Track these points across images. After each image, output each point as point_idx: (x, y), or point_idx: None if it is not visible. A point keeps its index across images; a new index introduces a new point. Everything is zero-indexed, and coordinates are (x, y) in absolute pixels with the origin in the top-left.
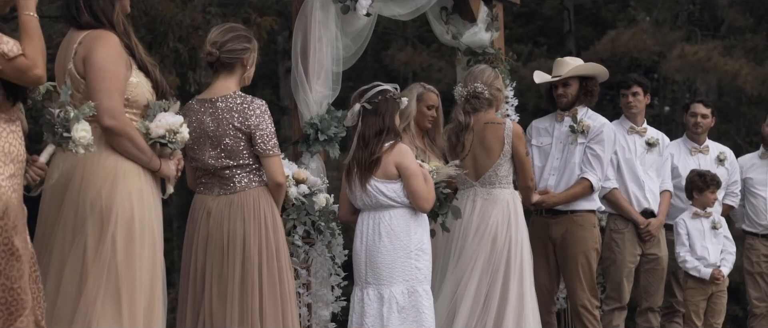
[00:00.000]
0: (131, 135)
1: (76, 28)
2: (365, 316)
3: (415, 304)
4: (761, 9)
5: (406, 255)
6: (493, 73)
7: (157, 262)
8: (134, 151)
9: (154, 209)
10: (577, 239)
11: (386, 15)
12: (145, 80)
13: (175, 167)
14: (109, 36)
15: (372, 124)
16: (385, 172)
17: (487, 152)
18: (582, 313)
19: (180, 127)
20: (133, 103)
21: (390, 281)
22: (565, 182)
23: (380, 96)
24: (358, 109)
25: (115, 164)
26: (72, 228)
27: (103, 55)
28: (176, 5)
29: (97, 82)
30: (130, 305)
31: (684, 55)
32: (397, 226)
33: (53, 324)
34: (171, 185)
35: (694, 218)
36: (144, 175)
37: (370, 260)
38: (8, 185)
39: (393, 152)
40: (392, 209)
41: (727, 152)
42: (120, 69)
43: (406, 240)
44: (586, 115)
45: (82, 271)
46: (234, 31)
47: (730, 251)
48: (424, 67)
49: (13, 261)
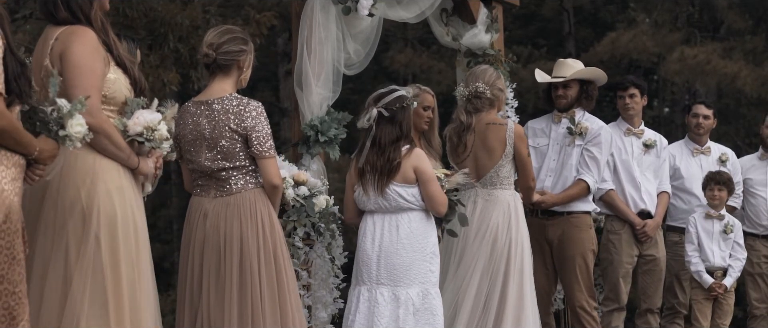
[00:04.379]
0: (109, 132)
1: (54, 24)
2: (379, 316)
3: (428, 306)
4: (760, 11)
5: (423, 258)
6: (495, 74)
7: (141, 258)
8: (112, 148)
9: (136, 206)
10: (573, 241)
11: (392, 18)
12: (123, 77)
13: (154, 165)
14: (85, 31)
15: (389, 132)
16: (405, 176)
17: (488, 153)
18: (580, 314)
19: (158, 124)
20: (111, 99)
21: (407, 283)
22: (561, 184)
23: (398, 103)
24: (375, 114)
25: (93, 161)
26: (53, 229)
27: (80, 52)
28: (176, 6)
29: (74, 78)
30: (116, 304)
31: (683, 57)
32: (417, 228)
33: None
34: (149, 184)
35: (707, 219)
36: (123, 172)
37: (385, 260)
38: (10, 189)
39: (411, 157)
40: (411, 211)
41: (729, 153)
42: (97, 65)
43: (424, 243)
44: (583, 117)
45: (65, 272)
46: (230, 33)
47: (739, 258)
48: (424, 69)
49: (14, 265)
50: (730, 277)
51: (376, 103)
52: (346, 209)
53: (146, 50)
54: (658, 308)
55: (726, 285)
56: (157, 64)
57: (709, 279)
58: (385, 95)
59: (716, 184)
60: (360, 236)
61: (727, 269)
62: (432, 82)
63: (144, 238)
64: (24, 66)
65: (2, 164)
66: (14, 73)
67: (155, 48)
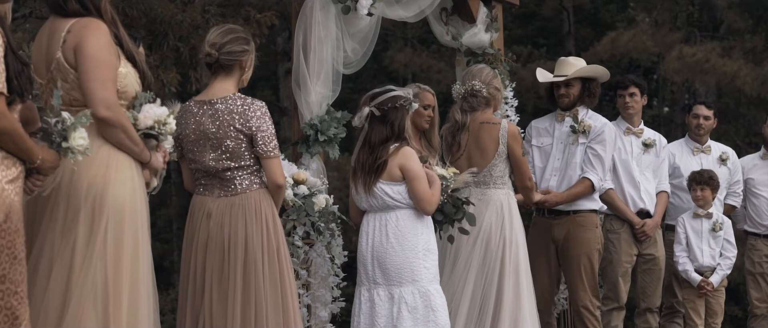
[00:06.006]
0: (126, 126)
1: (62, 16)
2: (377, 316)
3: (428, 304)
4: (760, 10)
5: (415, 255)
6: (492, 73)
7: (139, 253)
8: (127, 142)
9: (143, 202)
10: (579, 240)
11: (391, 17)
12: (132, 71)
13: (162, 159)
14: (99, 25)
15: (379, 131)
16: (390, 174)
17: (481, 152)
18: (583, 313)
19: (167, 118)
20: (123, 94)
21: (399, 282)
22: (566, 183)
23: (390, 104)
24: (367, 113)
25: (107, 154)
26: (62, 223)
27: (96, 44)
28: (176, 6)
29: (91, 71)
30: (115, 300)
31: (683, 56)
32: (404, 227)
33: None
34: (157, 179)
35: (695, 219)
36: (135, 166)
37: (378, 261)
38: (10, 189)
39: (398, 155)
40: (398, 210)
41: (730, 152)
42: (112, 59)
43: (413, 241)
44: (586, 115)
45: (71, 265)
46: (233, 33)
47: (729, 255)
48: (423, 68)
49: (16, 265)
50: (717, 274)
51: (370, 101)
52: (350, 209)
53: (146, 50)
54: (657, 307)
55: (713, 283)
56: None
57: (696, 277)
58: (379, 95)
59: (698, 184)
60: (359, 237)
61: (715, 268)
62: (431, 82)
63: (144, 235)
64: (26, 65)
65: (3, 164)
66: (15, 72)
67: (155, 48)
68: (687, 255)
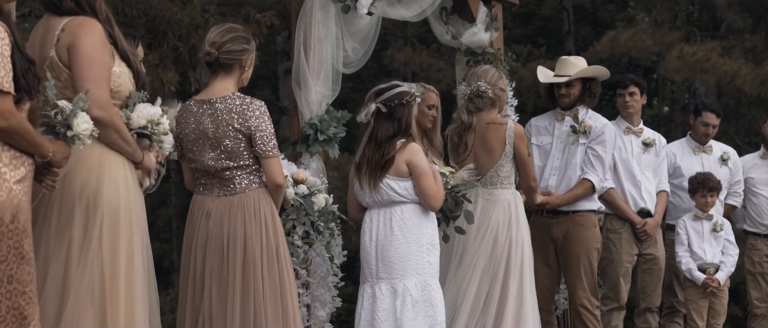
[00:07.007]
0: (119, 126)
1: (56, 15)
2: (377, 310)
3: (427, 298)
4: (760, 9)
5: (419, 249)
6: (497, 74)
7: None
8: (120, 142)
9: (138, 200)
10: (579, 239)
11: (392, 17)
12: (126, 70)
13: (155, 159)
14: (93, 23)
15: (386, 128)
16: (397, 170)
17: (488, 153)
18: (582, 313)
19: (160, 118)
20: (116, 93)
21: (403, 274)
22: (566, 182)
23: (396, 100)
24: (373, 109)
25: (100, 153)
26: (57, 224)
27: (90, 43)
28: (175, 5)
29: (85, 70)
30: (112, 300)
31: (683, 55)
32: (409, 220)
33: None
34: (151, 179)
35: (695, 220)
36: (128, 166)
37: (381, 254)
38: (18, 189)
39: (405, 151)
40: (403, 204)
41: (731, 152)
42: (106, 58)
43: (418, 234)
44: (586, 115)
45: (67, 266)
46: (233, 32)
47: (731, 254)
48: (423, 67)
49: (23, 265)
50: (723, 272)
51: (376, 98)
52: (349, 206)
53: (145, 49)
54: (658, 307)
55: (719, 280)
56: (156, 63)
57: (700, 276)
58: (385, 91)
59: (708, 190)
60: (361, 234)
61: (719, 265)
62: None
63: (143, 233)
64: (32, 63)
65: (11, 164)
66: (22, 70)
67: (154, 47)
68: (690, 255)
